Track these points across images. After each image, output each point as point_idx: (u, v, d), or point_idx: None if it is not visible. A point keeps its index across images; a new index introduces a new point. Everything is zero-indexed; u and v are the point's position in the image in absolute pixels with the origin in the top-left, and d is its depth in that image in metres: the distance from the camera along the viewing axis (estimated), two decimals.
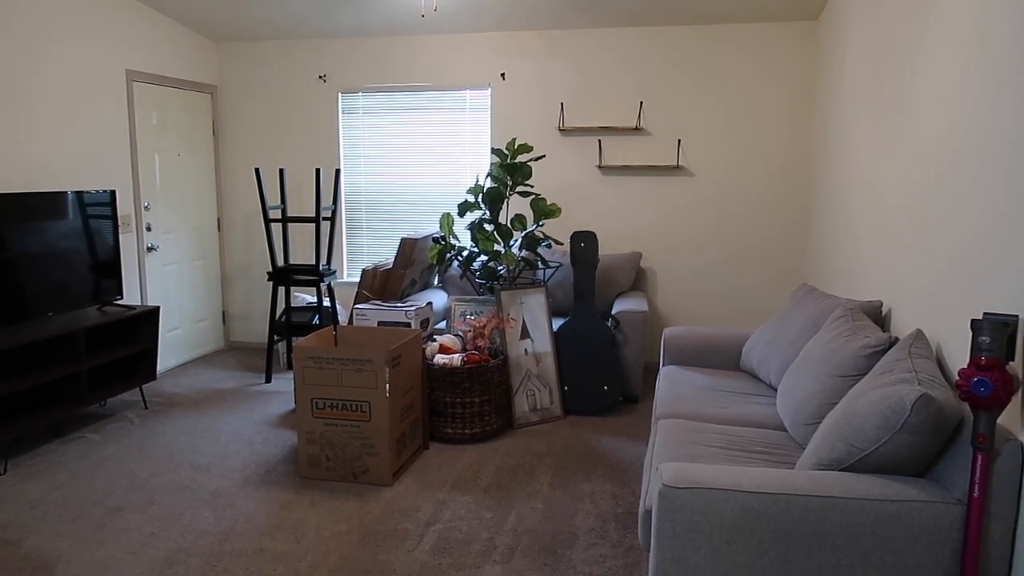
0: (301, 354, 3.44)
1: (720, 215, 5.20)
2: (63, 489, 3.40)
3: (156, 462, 3.72)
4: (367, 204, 5.76)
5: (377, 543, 2.90)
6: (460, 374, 3.86)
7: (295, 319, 5.17)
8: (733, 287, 5.26)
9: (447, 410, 3.91)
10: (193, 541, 2.93)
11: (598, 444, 3.92)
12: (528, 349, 4.25)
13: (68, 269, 4.13)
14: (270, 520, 3.10)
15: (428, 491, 3.36)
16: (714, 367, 3.76)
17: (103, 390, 4.23)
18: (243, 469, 3.62)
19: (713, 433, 2.77)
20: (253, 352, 5.96)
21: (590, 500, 3.26)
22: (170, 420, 4.34)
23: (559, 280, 5.07)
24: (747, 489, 1.99)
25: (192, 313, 5.68)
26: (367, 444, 3.41)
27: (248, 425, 4.25)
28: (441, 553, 2.83)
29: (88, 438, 4.05)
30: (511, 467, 3.62)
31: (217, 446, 3.93)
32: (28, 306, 3.88)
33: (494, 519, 3.10)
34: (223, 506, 3.23)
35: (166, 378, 5.20)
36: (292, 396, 4.79)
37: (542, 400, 4.26)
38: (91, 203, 4.27)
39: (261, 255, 5.98)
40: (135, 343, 4.46)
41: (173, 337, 5.47)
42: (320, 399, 3.44)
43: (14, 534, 2.99)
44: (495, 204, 4.39)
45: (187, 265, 5.60)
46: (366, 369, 3.37)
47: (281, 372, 5.34)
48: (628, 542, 2.89)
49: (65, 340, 3.98)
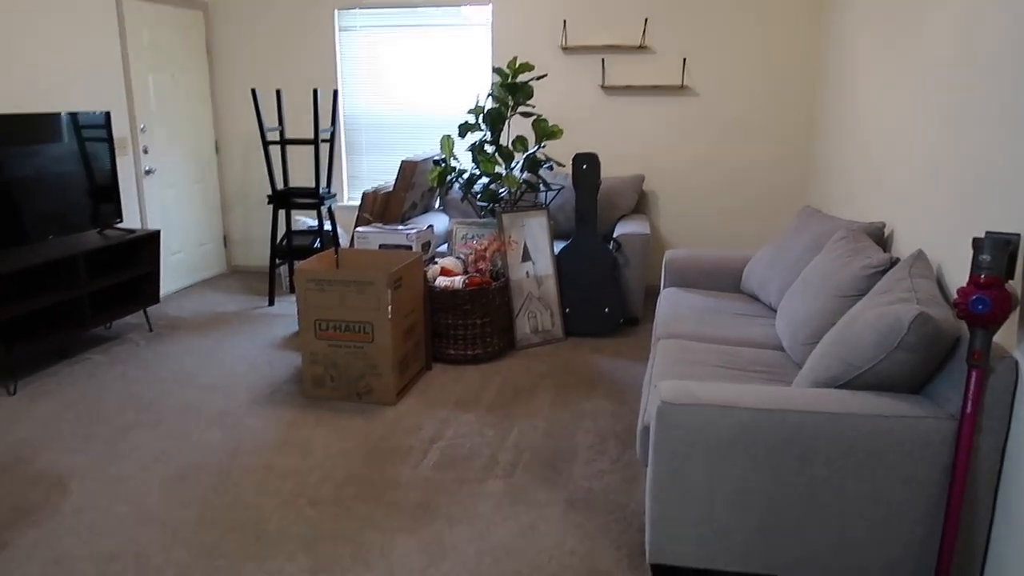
0: (303, 276, 3.46)
1: (724, 137, 5.13)
2: (73, 409, 3.47)
3: (163, 383, 3.78)
4: (366, 126, 5.68)
5: (382, 459, 2.98)
6: (462, 296, 3.88)
7: (296, 243, 5.16)
8: (735, 210, 5.23)
9: (449, 332, 3.95)
10: (203, 458, 3.01)
11: (598, 365, 3.97)
12: (529, 272, 4.26)
13: (66, 192, 4.10)
14: (277, 438, 3.17)
15: (431, 410, 3.43)
16: (715, 289, 3.78)
17: (106, 313, 4.27)
18: (249, 389, 3.69)
19: (712, 353, 2.80)
20: (255, 276, 5.98)
21: (590, 418, 3.33)
22: (175, 342, 4.39)
23: (561, 203, 5.03)
24: (743, 405, 2.03)
25: (193, 237, 5.67)
26: (370, 365, 3.46)
27: (252, 347, 4.30)
28: (445, 468, 2.90)
29: (95, 360, 4.11)
30: (513, 387, 3.68)
31: (222, 367, 3.98)
32: (26, 230, 3.87)
33: (496, 436, 3.17)
34: (230, 425, 3.30)
35: (170, 301, 5.24)
36: (295, 319, 4.83)
37: (543, 322, 4.29)
38: (86, 124, 4.21)
39: (260, 178, 5.93)
40: (137, 266, 4.47)
41: (175, 261, 5.48)
42: (323, 320, 3.47)
43: (28, 451, 3.07)
44: (496, 125, 4.32)
45: (186, 188, 5.56)
46: (368, 291, 3.39)
47: (283, 295, 5.38)
48: (627, 458, 2.97)
49: (65, 264, 3.99)
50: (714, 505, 2.10)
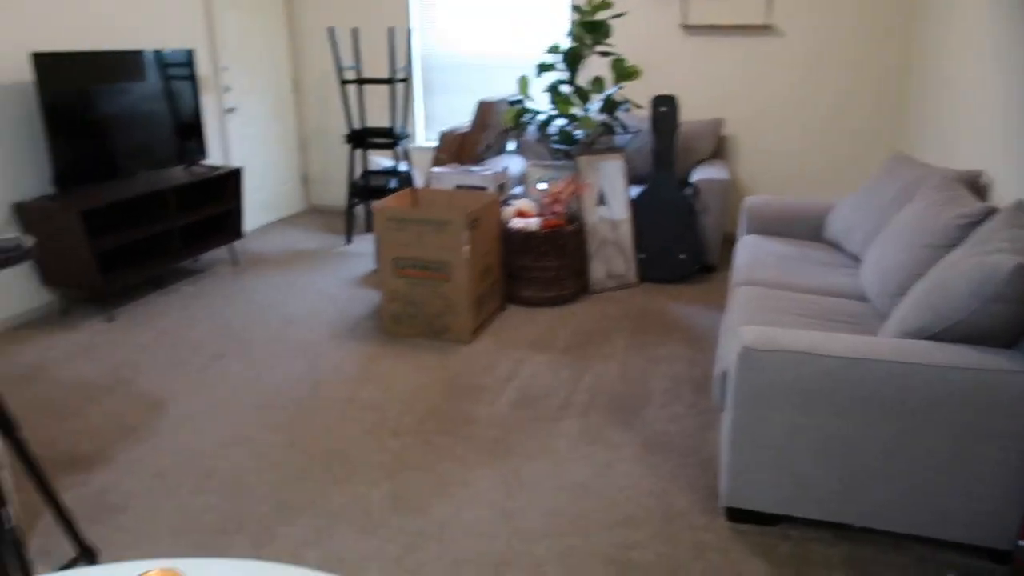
0: (382, 215, 3.52)
1: (809, 80, 4.93)
2: (167, 336, 3.66)
3: (249, 315, 3.94)
4: (442, 66, 5.66)
5: (459, 395, 3.06)
6: (537, 238, 3.89)
7: (372, 183, 5.24)
8: (819, 156, 5.05)
9: (524, 274, 3.98)
10: (289, 387, 3.15)
11: (673, 311, 3.95)
12: (604, 216, 4.24)
13: (154, 129, 4.24)
14: (358, 371, 3.29)
15: (506, 350, 3.49)
16: (796, 237, 3.69)
17: (194, 247, 4.45)
18: (330, 324, 3.82)
19: (793, 301, 2.76)
20: (333, 214, 6.11)
21: (665, 364, 3.34)
22: (259, 277, 4.55)
23: (638, 146, 4.95)
24: (829, 353, 2.01)
25: (273, 175, 5.81)
26: (447, 303, 3.52)
27: (332, 283, 4.43)
28: (520, 407, 2.97)
29: (185, 291, 4.30)
30: (587, 330, 3.71)
31: (305, 302, 4.12)
32: (119, 166, 4.03)
33: (570, 378, 3.21)
34: (314, 357, 3.43)
35: (253, 238, 5.41)
36: (372, 257, 4.93)
37: (617, 267, 4.28)
38: (170, 63, 4.32)
39: (337, 118, 6.00)
40: (221, 202, 4.62)
41: (257, 199, 5.64)
42: (401, 259, 3.54)
43: (129, 373, 3.27)
44: (573, 65, 4.25)
45: (266, 127, 5.68)
46: (446, 230, 3.43)
47: (360, 234, 5.48)
48: (702, 404, 2.98)
49: (156, 198, 4.16)
50: (793, 453, 2.10)
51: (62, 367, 3.34)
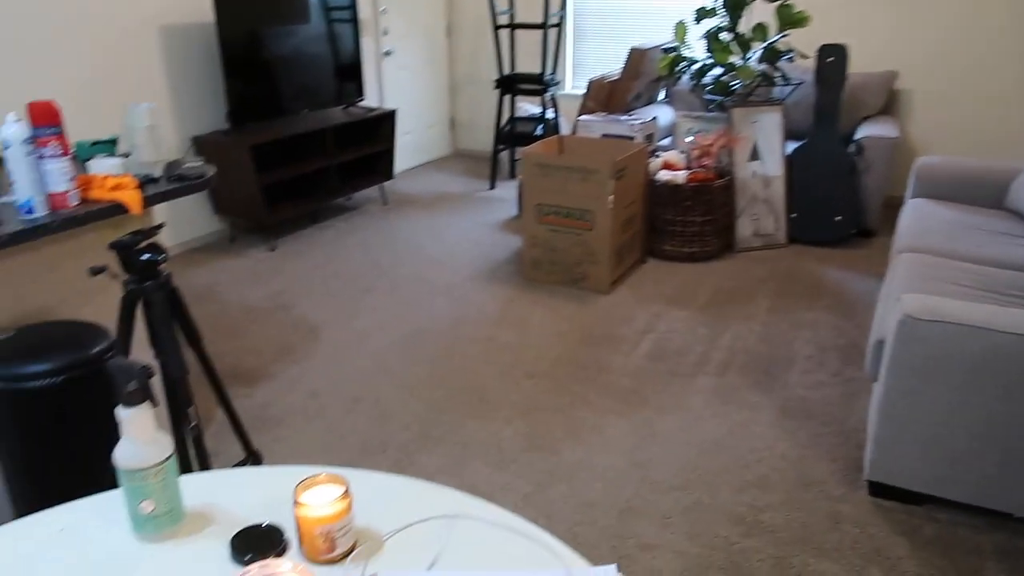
0: (529, 160, 3.54)
1: (1001, 33, 4.44)
2: (322, 268, 3.89)
3: (396, 253, 4.11)
4: (596, 11, 5.54)
5: (595, 344, 3.08)
6: (683, 192, 3.80)
7: (518, 129, 5.27)
8: (1009, 115, 4.57)
9: (667, 227, 3.90)
10: (431, 324, 3.28)
11: (824, 275, 3.76)
12: (756, 172, 4.06)
13: (316, 70, 4.45)
14: (497, 313, 3.37)
15: (644, 303, 3.46)
16: (972, 204, 3.39)
17: (349, 185, 4.67)
18: (472, 266, 3.92)
19: (963, 272, 2.55)
20: (478, 160, 6.21)
21: (810, 329, 3.20)
22: (406, 217, 4.73)
23: (798, 99, 4.68)
24: (1000, 328, 1.85)
25: (423, 118, 5.97)
26: (588, 252, 3.52)
27: (475, 227, 4.53)
28: (656, 359, 2.95)
29: (339, 227, 4.54)
30: (729, 289, 3.61)
31: (448, 244, 4.25)
32: (284, 104, 4.27)
33: (709, 335, 3.15)
34: (456, 297, 3.55)
35: (401, 179, 5.61)
36: (515, 203, 4.99)
37: (766, 225, 4.11)
38: (334, 5, 4.48)
39: (488, 63, 6.05)
40: (376, 143, 4.80)
41: (406, 141, 5.82)
42: (545, 205, 3.56)
43: (287, 300, 3.52)
44: (735, 11, 4.05)
45: (419, 71, 5.81)
46: (591, 179, 3.41)
47: (504, 180, 5.55)
48: (848, 373, 2.84)
49: (317, 136, 4.38)
50: (949, 431, 1.97)
51: (229, 290, 3.64)
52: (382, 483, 1.05)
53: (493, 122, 6.10)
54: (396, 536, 0.95)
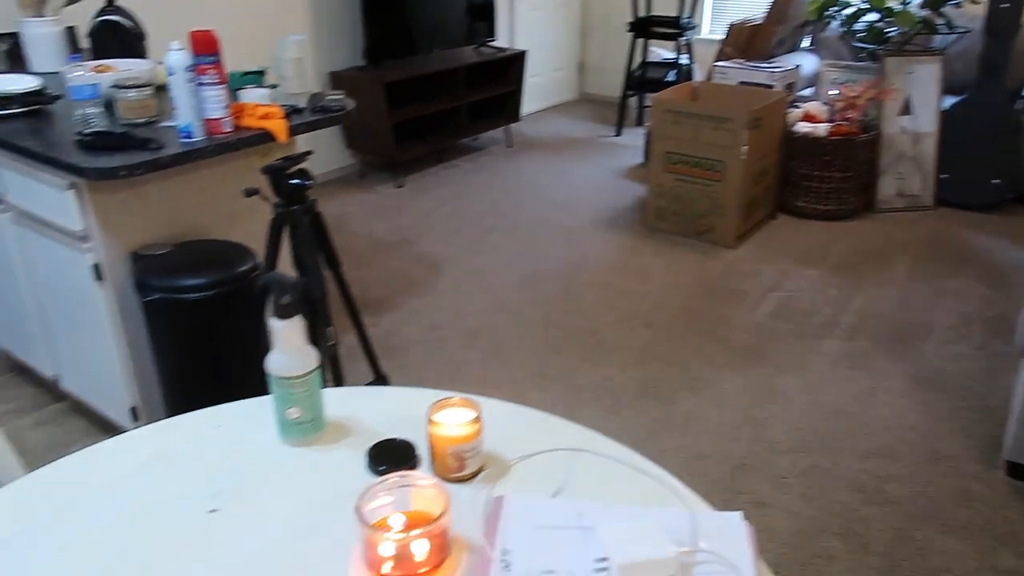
0: (660, 106, 3.44)
1: None
2: (445, 206, 3.97)
3: (518, 194, 4.13)
4: None
5: (716, 298, 3.01)
6: (823, 145, 3.59)
7: (650, 74, 5.11)
8: None
9: (802, 182, 3.72)
10: (550, 266, 3.29)
11: (973, 241, 3.50)
12: (907, 127, 3.78)
13: (449, 9, 4.45)
14: (617, 260, 3.35)
15: (771, 259, 3.33)
16: None
17: (476, 125, 4.70)
18: (593, 212, 3.89)
19: None
20: (604, 105, 6.10)
21: (953, 297, 3.00)
22: (530, 160, 4.73)
23: (962, 49, 4.29)
24: None
25: (551, 61, 5.89)
26: (715, 204, 3.42)
27: (598, 173, 4.48)
28: (780, 318, 2.85)
29: (464, 167, 4.59)
30: (865, 250, 3.42)
31: (570, 189, 4.23)
32: (416, 43, 4.31)
33: (840, 297, 3.01)
34: (575, 241, 3.54)
35: (526, 122, 5.59)
36: (641, 151, 4.89)
37: (911, 185, 3.84)
38: None
39: (621, 5, 5.87)
40: (504, 84, 4.79)
41: (533, 83, 5.77)
42: (674, 154, 3.47)
43: (412, 235, 3.62)
44: None
45: (551, 12, 5.72)
46: (724, 128, 3.28)
47: (630, 127, 5.43)
48: (994, 347, 2.65)
49: (447, 75, 4.41)
50: None
51: (358, 222, 3.78)
52: (511, 412, 1.08)
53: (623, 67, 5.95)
54: (522, 463, 0.97)
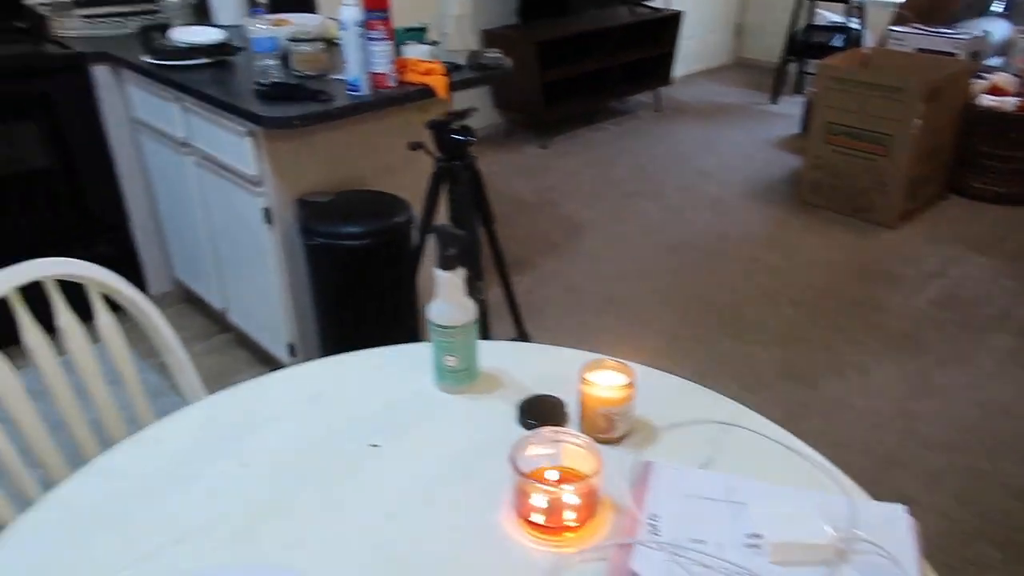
0: (825, 73, 3.25)
1: None
2: (590, 169, 3.94)
3: (664, 161, 4.04)
4: None
5: (871, 280, 2.84)
6: (1009, 121, 3.28)
7: (814, 39, 4.82)
8: None
9: (980, 161, 3.41)
10: (694, 236, 3.22)
11: None
12: None
13: None
14: (765, 234, 3.22)
15: (937, 243, 3.10)
16: None
17: (626, 87, 4.61)
18: (743, 183, 3.75)
19: None
20: (760, 70, 5.81)
21: None
22: (679, 125, 4.60)
23: None
24: None
25: (706, 23, 5.66)
26: (878, 180, 3.21)
27: (750, 142, 4.30)
28: (942, 307, 2.66)
29: (610, 129, 4.54)
30: None
31: (720, 157, 4.08)
32: (569, 1, 4.25)
33: (1015, 289, 2.76)
34: (722, 211, 3.43)
35: (677, 85, 5.43)
36: (797, 120, 4.64)
37: None
38: None
39: None
40: (657, 45, 4.67)
41: (686, 46, 5.57)
42: (836, 124, 3.27)
43: (556, 197, 3.63)
44: None
45: None
46: (896, 98, 3.06)
47: (788, 94, 5.16)
48: None
49: (600, 36, 4.33)
50: None
51: (502, 181, 3.82)
52: (662, 380, 1.07)
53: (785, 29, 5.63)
54: (671, 431, 0.97)
